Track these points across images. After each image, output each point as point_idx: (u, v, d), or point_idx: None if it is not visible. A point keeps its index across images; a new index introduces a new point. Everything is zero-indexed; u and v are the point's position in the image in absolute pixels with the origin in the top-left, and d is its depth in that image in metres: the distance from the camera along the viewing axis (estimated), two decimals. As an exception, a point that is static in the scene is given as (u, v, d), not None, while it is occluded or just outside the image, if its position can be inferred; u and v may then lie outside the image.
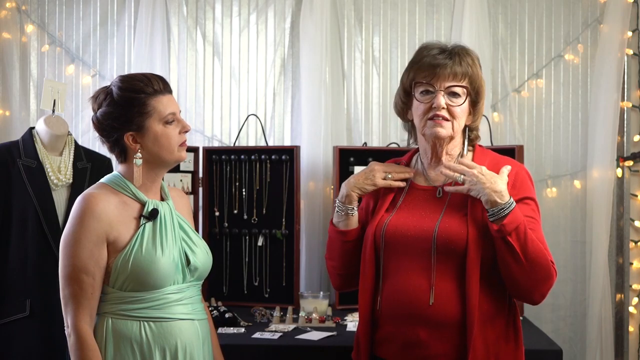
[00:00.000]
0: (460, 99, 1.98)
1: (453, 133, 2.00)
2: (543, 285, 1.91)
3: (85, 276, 1.87)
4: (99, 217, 1.89)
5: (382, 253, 2.02)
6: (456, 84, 1.98)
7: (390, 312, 1.99)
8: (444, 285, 1.93)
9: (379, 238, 2.02)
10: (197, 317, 2.00)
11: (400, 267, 1.98)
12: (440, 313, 1.92)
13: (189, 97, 3.69)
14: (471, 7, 3.53)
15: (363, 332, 2.04)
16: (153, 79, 1.98)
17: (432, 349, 1.93)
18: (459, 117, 1.99)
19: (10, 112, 3.60)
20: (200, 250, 2.04)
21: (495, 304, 1.95)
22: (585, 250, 3.52)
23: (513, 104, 3.61)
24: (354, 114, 3.66)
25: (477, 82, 2.01)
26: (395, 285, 1.98)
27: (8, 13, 3.61)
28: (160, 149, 1.97)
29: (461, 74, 1.98)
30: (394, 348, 1.99)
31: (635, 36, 3.55)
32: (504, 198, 1.86)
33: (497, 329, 1.95)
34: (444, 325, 1.92)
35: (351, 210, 2.09)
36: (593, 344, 3.41)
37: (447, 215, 1.97)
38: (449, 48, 2.03)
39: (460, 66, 1.98)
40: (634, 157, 3.53)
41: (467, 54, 2.01)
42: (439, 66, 1.97)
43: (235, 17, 3.71)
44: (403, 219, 2.02)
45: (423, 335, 1.93)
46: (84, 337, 1.86)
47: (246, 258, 3.39)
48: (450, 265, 1.93)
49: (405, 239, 1.98)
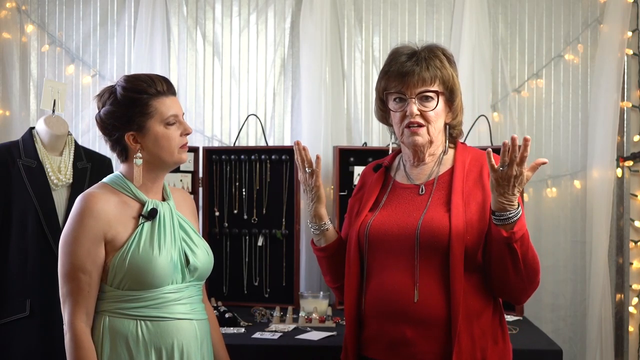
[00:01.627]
0: (432, 103, 1.99)
1: (430, 137, 2.02)
2: (532, 290, 1.94)
3: (83, 274, 1.88)
4: (97, 216, 1.90)
5: (367, 252, 2.03)
6: (426, 89, 1.98)
7: (375, 311, 1.99)
8: (428, 283, 1.92)
9: (362, 238, 2.03)
10: (195, 317, 2.00)
11: (385, 266, 1.99)
12: (424, 310, 1.91)
13: (189, 97, 3.69)
14: (471, 7, 3.53)
15: (349, 332, 2.05)
16: (157, 80, 1.98)
17: (418, 346, 1.93)
18: (433, 121, 2.00)
19: (10, 112, 3.60)
20: (201, 251, 2.04)
21: (480, 300, 1.95)
22: (585, 250, 3.52)
23: (513, 104, 3.62)
24: (354, 114, 3.66)
25: (448, 81, 2.01)
26: (380, 284, 1.99)
27: (8, 13, 3.61)
28: (160, 150, 1.98)
29: (430, 78, 1.98)
30: (380, 347, 1.99)
31: (635, 36, 3.55)
32: (514, 205, 1.82)
33: (483, 324, 1.94)
34: (429, 323, 1.92)
35: (323, 225, 2.12)
36: (593, 344, 3.41)
37: (429, 212, 1.97)
38: (418, 51, 2.03)
39: (428, 71, 1.98)
40: (634, 157, 3.54)
41: (434, 56, 2.01)
42: (407, 74, 1.98)
43: (235, 17, 3.71)
44: (386, 218, 2.02)
45: (409, 333, 1.93)
46: (79, 335, 1.87)
47: (246, 258, 3.39)
48: (433, 262, 1.93)
49: (389, 237, 1.99)
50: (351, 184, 3.30)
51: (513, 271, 1.86)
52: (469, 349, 1.90)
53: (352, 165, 3.32)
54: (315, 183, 2.09)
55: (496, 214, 1.82)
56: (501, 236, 1.82)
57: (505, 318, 2.05)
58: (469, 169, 2.01)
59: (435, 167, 2.06)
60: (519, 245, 1.82)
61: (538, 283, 1.93)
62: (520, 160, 1.74)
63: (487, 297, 1.97)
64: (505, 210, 1.80)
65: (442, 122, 2.04)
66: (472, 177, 2.00)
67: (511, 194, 1.78)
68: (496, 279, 1.92)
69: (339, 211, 3.27)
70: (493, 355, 1.95)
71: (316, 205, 2.11)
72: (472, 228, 1.91)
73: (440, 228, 1.92)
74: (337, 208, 3.29)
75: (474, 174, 2.00)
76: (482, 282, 1.96)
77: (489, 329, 1.96)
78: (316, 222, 2.12)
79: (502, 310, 2.03)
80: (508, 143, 1.74)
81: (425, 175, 2.05)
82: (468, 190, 1.97)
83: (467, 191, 1.97)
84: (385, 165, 2.17)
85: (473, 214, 1.93)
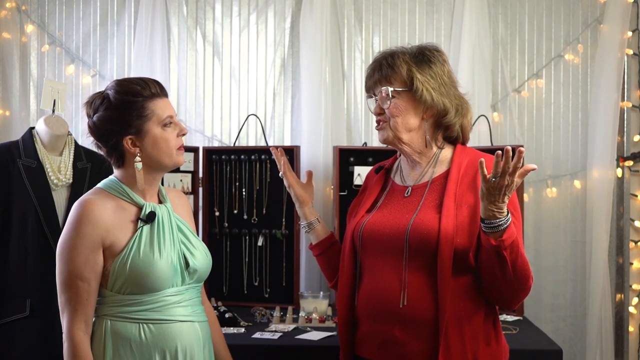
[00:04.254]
0: (387, 100, 2.04)
1: (395, 132, 2.04)
2: (523, 295, 1.94)
3: (81, 282, 1.87)
4: (95, 223, 1.88)
5: (360, 253, 2.05)
6: (379, 88, 2.05)
7: (367, 311, 2.01)
8: (417, 284, 1.93)
9: (356, 238, 2.06)
10: (197, 319, 2.00)
11: (376, 266, 2.00)
12: (413, 311, 1.92)
13: (189, 97, 3.69)
14: (471, 7, 3.53)
15: (343, 332, 2.08)
16: (149, 82, 1.97)
17: (407, 346, 1.93)
18: (394, 115, 2.03)
19: (10, 112, 3.60)
20: (199, 253, 2.04)
21: (471, 302, 1.95)
22: (585, 250, 3.52)
23: (513, 104, 3.62)
24: (354, 114, 3.66)
25: (402, 75, 2.03)
26: (371, 284, 2.01)
27: (8, 13, 3.61)
28: (159, 152, 1.97)
29: (383, 77, 2.05)
30: (372, 347, 2.01)
31: (635, 36, 3.55)
32: (503, 213, 1.80)
33: (474, 326, 1.94)
34: (418, 323, 1.92)
35: (310, 224, 2.24)
36: (593, 344, 3.41)
37: (420, 214, 1.98)
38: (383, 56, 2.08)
39: (380, 71, 2.06)
40: (634, 157, 3.54)
41: (391, 56, 2.06)
42: (368, 79, 2.10)
43: (235, 17, 3.71)
44: (379, 219, 2.04)
45: (398, 333, 1.94)
46: (77, 344, 1.86)
47: (246, 258, 3.39)
48: (423, 263, 1.93)
49: (381, 238, 2.00)
50: (351, 184, 3.30)
51: (502, 278, 1.86)
52: (459, 350, 1.90)
53: (352, 165, 3.32)
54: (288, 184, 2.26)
55: (486, 221, 1.81)
56: (490, 244, 1.81)
57: (499, 319, 2.05)
58: (465, 172, 2.01)
59: (429, 169, 2.07)
60: (509, 253, 1.81)
61: (529, 289, 1.93)
62: (512, 170, 1.73)
63: (479, 299, 1.96)
64: (495, 218, 1.79)
65: (414, 118, 2.04)
66: (467, 180, 2.00)
67: (501, 201, 1.77)
68: (486, 283, 1.93)
69: (339, 211, 3.27)
70: (484, 357, 1.95)
71: (298, 205, 2.26)
72: (462, 231, 1.91)
73: (429, 230, 1.92)
74: (337, 208, 3.29)
75: (468, 177, 2.00)
76: (474, 285, 1.95)
77: (481, 331, 1.95)
78: (303, 220, 2.26)
79: (496, 312, 2.03)
80: (501, 154, 1.73)
81: (418, 177, 2.07)
82: (461, 193, 1.97)
83: (460, 194, 1.97)
84: (386, 167, 2.19)
85: (464, 217, 1.93)
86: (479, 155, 2.03)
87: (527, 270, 1.87)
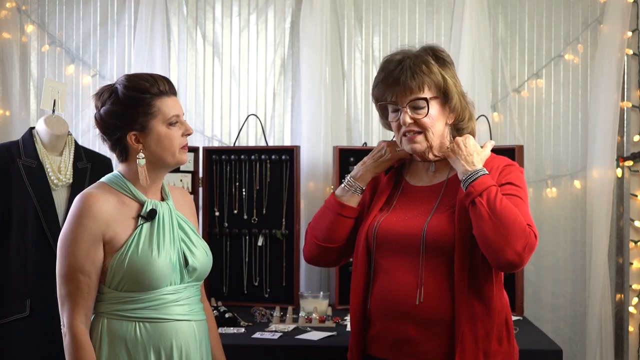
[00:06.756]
0: (423, 110, 1.99)
1: (429, 142, 2.02)
2: (516, 242, 1.83)
3: (82, 275, 1.87)
4: (95, 217, 1.89)
5: (374, 252, 2.04)
6: (414, 97, 1.98)
7: (380, 310, 2.01)
8: (433, 284, 1.94)
9: (371, 237, 2.04)
10: (194, 318, 2.00)
11: (391, 266, 2.00)
12: (428, 311, 1.93)
13: (189, 97, 3.69)
14: (471, 7, 3.53)
15: (354, 331, 2.07)
16: (159, 79, 1.97)
17: (421, 345, 1.94)
18: (430, 126, 2.00)
19: (10, 112, 3.60)
20: (200, 251, 2.04)
21: (486, 302, 1.95)
22: (585, 250, 3.52)
23: (513, 104, 3.62)
24: (354, 114, 3.66)
25: (439, 84, 2.00)
26: (385, 283, 2.00)
27: (8, 13, 3.61)
28: (162, 151, 1.97)
29: (417, 86, 1.98)
30: (384, 346, 2.01)
31: (635, 36, 3.55)
32: (475, 167, 1.92)
33: (487, 326, 1.94)
34: (433, 323, 1.93)
35: (359, 189, 2.12)
36: (593, 344, 3.41)
37: (437, 214, 1.99)
38: (403, 59, 2.01)
39: (413, 79, 1.97)
40: (634, 157, 3.53)
41: (421, 61, 1.99)
42: (395, 85, 1.99)
43: (235, 17, 3.71)
44: (395, 218, 2.04)
45: (412, 332, 1.94)
46: (78, 337, 1.87)
47: (246, 258, 3.39)
48: (439, 263, 1.94)
49: (396, 238, 2.00)
50: (351, 184, 3.30)
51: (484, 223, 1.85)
52: (472, 349, 1.91)
53: (352, 165, 3.31)
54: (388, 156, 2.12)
55: (461, 180, 1.92)
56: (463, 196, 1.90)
57: (511, 319, 2.05)
58: None
59: (444, 169, 2.08)
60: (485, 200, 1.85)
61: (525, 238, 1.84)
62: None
63: (493, 298, 1.97)
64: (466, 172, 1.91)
65: (442, 125, 2.04)
66: None
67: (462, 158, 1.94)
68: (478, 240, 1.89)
69: (339, 211, 3.26)
70: (497, 356, 1.96)
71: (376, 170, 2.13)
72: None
73: (445, 232, 1.94)
74: (337, 208, 3.28)
75: None
76: (489, 285, 1.96)
77: (494, 330, 1.96)
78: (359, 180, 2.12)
79: (508, 312, 2.03)
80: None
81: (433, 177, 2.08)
82: None
83: None
84: (396, 167, 2.17)
85: None
86: (491, 157, 2.05)
87: (512, 214, 1.84)
